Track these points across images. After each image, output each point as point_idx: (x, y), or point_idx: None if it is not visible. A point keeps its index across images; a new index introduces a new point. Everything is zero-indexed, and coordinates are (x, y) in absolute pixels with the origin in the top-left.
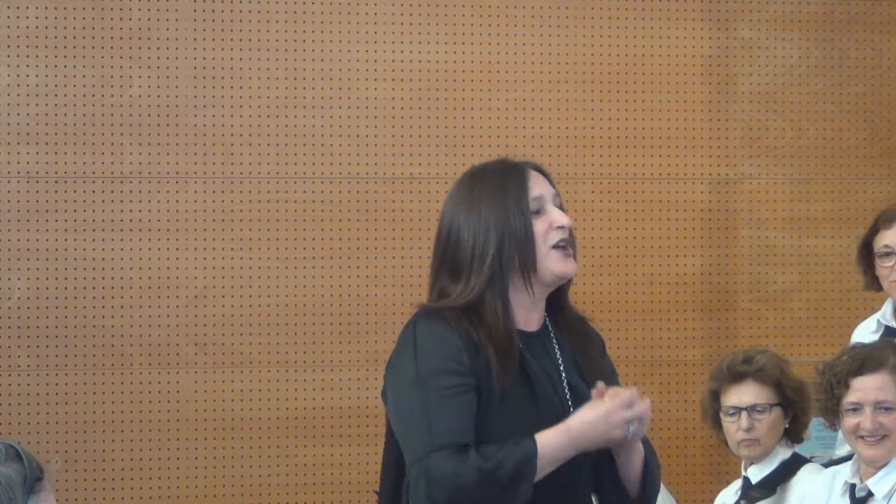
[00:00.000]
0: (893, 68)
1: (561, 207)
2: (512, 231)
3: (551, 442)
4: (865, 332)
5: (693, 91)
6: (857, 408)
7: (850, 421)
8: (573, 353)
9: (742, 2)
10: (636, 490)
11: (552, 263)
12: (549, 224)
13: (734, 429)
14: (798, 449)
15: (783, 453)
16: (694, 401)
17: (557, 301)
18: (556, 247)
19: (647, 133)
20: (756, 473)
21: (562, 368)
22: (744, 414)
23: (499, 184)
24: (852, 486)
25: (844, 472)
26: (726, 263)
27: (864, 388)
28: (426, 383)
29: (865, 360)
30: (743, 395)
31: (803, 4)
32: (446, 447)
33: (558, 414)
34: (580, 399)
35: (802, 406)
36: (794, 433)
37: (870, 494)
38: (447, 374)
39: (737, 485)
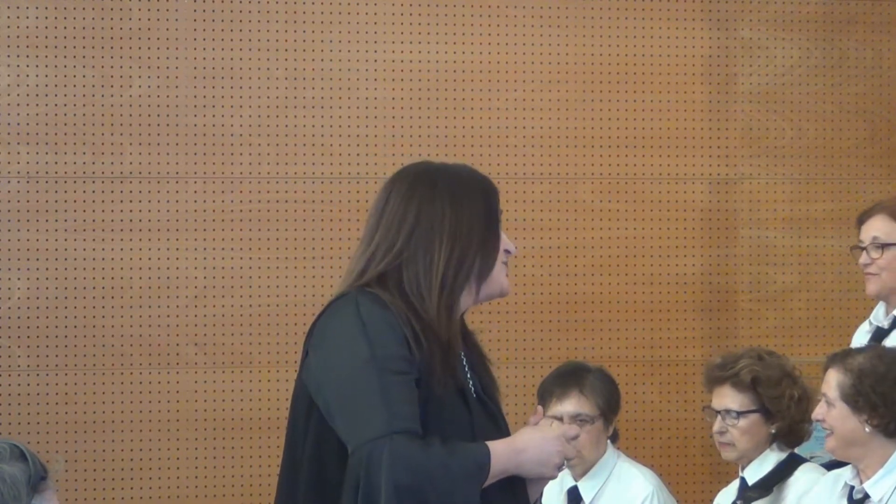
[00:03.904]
0: (893, 68)
1: None
2: (485, 241)
3: (498, 451)
4: (861, 333)
5: (693, 91)
6: (821, 399)
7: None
8: (474, 367)
9: (742, 2)
10: None
11: (503, 279)
12: (504, 244)
13: (713, 430)
14: (798, 449)
15: (776, 455)
16: (694, 401)
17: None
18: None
19: (647, 133)
20: (752, 474)
21: (471, 382)
22: (718, 417)
23: (482, 192)
24: (851, 489)
25: (846, 474)
26: (726, 263)
27: (825, 380)
28: (383, 364)
29: (839, 354)
30: (718, 398)
31: (803, 4)
32: (406, 431)
33: (488, 424)
34: (489, 413)
35: (788, 414)
36: (785, 439)
37: (866, 497)
38: (401, 360)
39: (736, 485)
